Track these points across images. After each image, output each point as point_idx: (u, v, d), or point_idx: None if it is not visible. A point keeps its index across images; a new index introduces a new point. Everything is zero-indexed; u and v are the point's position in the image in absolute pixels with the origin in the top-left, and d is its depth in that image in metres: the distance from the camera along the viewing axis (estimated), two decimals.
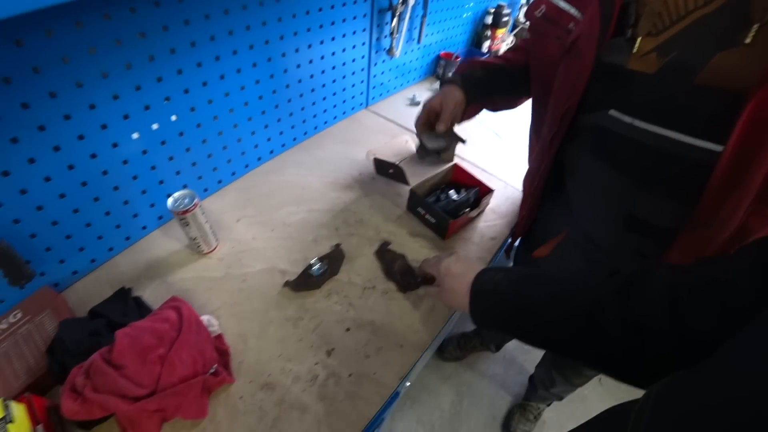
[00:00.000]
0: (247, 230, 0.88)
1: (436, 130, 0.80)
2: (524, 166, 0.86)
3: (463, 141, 0.88)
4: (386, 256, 0.83)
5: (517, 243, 0.97)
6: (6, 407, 0.52)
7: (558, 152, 0.66)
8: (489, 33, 1.60)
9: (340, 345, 0.71)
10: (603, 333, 0.43)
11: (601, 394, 1.59)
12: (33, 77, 0.57)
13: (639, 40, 0.48)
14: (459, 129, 0.86)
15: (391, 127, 1.26)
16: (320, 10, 0.93)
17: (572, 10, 0.57)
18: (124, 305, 0.74)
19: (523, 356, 1.69)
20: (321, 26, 0.96)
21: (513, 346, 1.68)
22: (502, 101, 0.87)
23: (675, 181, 0.51)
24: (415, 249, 0.87)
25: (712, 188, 0.46)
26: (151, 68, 0.70)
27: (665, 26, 0.46)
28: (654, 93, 0.49)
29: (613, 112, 0.53)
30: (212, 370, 0.65)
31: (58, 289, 0.77)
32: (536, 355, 1.67)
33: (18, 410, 0.53)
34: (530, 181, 0.77)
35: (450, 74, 0.85)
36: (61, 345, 0.65)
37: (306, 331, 0.72)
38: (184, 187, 0.87)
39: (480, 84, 0.80)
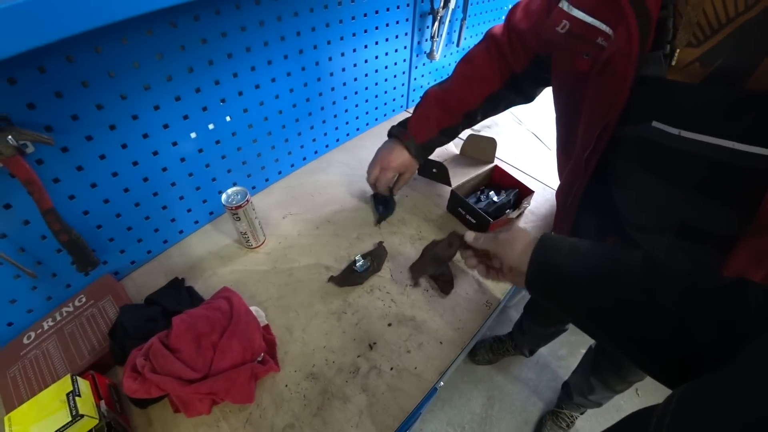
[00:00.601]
0: (293, 227, 0.92)
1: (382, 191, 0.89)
2: None
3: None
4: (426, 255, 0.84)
5: None
6: (74, 382, 0.56)
7: (597, 164, 0.63)
8: None
9: (382, 339, 0.72)
10: (691, 330, 0.40)
11: (637, 404, 1.53)
12: (108, 80, 0.63)
13: (677, 52, 0.47)
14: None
15: None
16: (365, 15, 0.95)
17: (601, 25, 0.54)
18: (178, 294, 0.78)
19: (557, 362, 1.66)
20: (366, 31, 0.98)
21: (546, 351, 1.64)
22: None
23: (730, 190, 0.50)
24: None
25: None
26: (210, 72, 0.74)
27: (706, 36, 0.45)
28: (700, 103, 0.47)
29: (656, 124, 0.51)
30: (260, 359, 0.68)
31: (118, 277, 0.83)
32: (570, 361, 1.64)
33: (84, 386, 0.58)
34: (564, 196, 0.74)
35: (403, 133, 0.86)
36: (122, 328, 0.69)
37: (349, 325, 0.74)
38: (234, 184, 0.92)
39: (432, 148, 0.87)
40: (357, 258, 0.80)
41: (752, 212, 0.47)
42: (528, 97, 0.84)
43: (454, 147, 1.08)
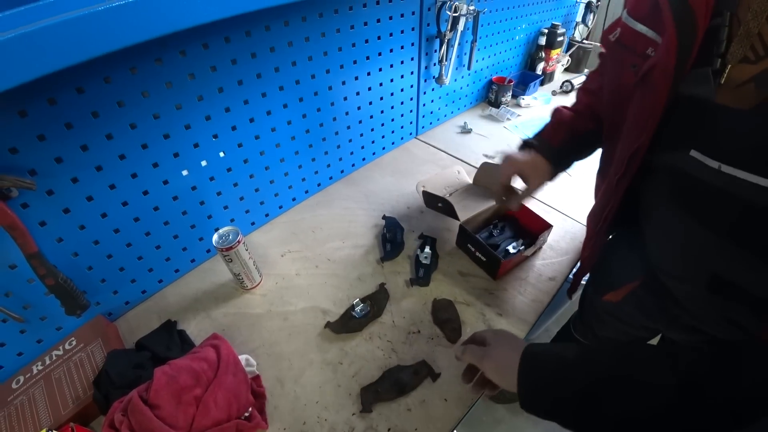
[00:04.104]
0: (292, 265, 0.87)
1: (511, 207, 0.77)
2: (586, 197, 0.78)
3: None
4: (438, 302, 0.78)
5: (583, 282, 0.85)
6: None
7: (629, 192, 0.57)
8: (543, 54, 1.53)
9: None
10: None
11: None
12: (92, 121, 0.61)
13: (729, 68, 0.39)
14: None
15: (441, 156, 1.21)
16: (366, 42, 0.92)
17: (651, 33, 0.48)
18: (169, 339, 0.74)
19: None
20: (368, 58, 0.95)
21: None
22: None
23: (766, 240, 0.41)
24: (466, 289, 0.81)
25: None
26: (200, 107, 0.72)
27: None
28: (750, 133, 0.39)
29: (694, 154, 0.43)
30: (247, 414, 0.63)
31: (112, 318, 0.80)
32: None
33: None
34: (595, 220, 0.68)
35: (537, 139, 0.76)
36: (106, 377, 0.66)
37: (345, 377, 0.68)
38: (232, 221, 0.89)
39: (569, 158, 0.75)
40: (356, 302, 0.74)
41: None
42: None
43: (466, 175, 1.01)
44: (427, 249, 0.84)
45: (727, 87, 0.40)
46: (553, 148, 0.73)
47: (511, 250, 0.84)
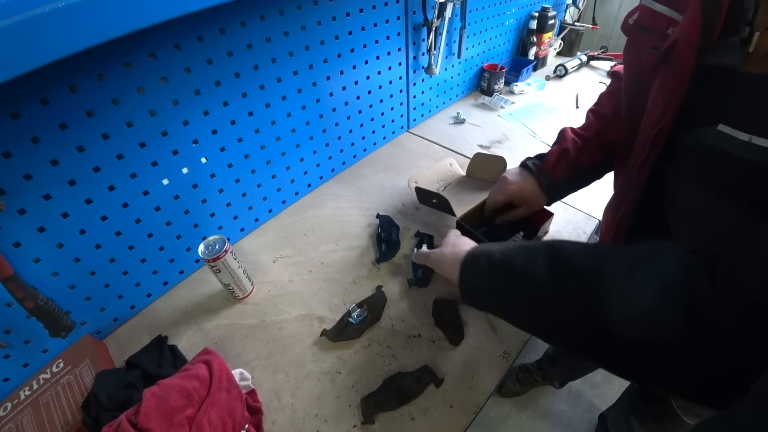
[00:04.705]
0: (284, 271, 0.84)
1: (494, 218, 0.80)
2: (588, 186, 0.75)
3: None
4: (438, 302, 0.74)
5: None
6: None
7: (652, 176, 0.55)
8: (534, 39, 1.49)
9: None
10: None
11: None
12: (59, 133, 0.57)
13: (757, 35, 0.37)
14: None
15: (435, 148, 1.18)
16: (350, 33, 0.88)
17: (670, 12, 0.47)
18: (160, 355, 0.72)
19: (592, 391, 1.50)
20: (352, 50, 0.91)
21: (580, 381, 1.50)
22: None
23: None
24: None
25: None
26: (176, 112, 0.68)
27: None
28: None
29: (722, 128, 0.41)
30: (243, 431, 0.60)
31: (101, 336, 0.77)
32: (606, 389, 1.49)
33: None
34: (614, 211, 0.66)
35: (537, 164, 0.76)
36: (96, 400, 0.63)
37: (344, 388, 0.65)
38: (220, 228, 0.85)
39: (566, 191, 0.76)
40: (352, 308, 0.71)
41: None
42: None
43: (459, 168, 0.98)
44: (425, 247, 0.81)
45: (756, 55, 0.38)
46: (552, 181, 0.73)
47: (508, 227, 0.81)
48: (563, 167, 0.72)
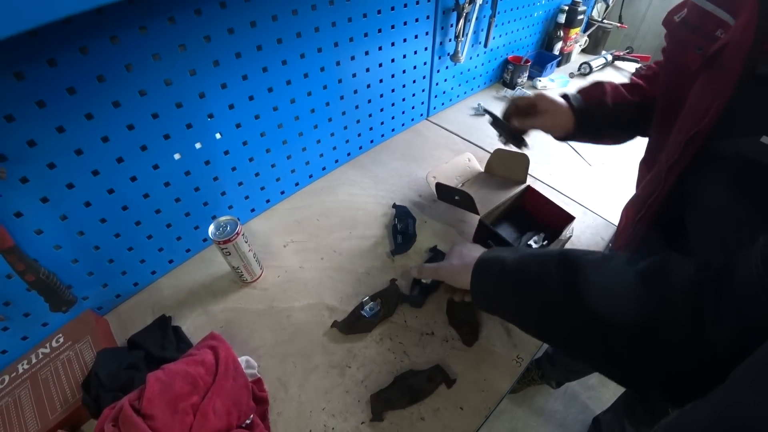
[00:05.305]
0: (295, 257, 0.81)
1: (516, 124, 0.75)
2: (607, 190, 0.73)
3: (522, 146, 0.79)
4: (454, 301, 0.72)
5: None
6: None
7: (677, 180, 0.54)
8: (561, 33, 1.44)
9: None
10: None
11: None
12: (67, 98, 0.53)
13: None
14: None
15: (453, 139, 1.14)
16: (379, 12, 0.83)
17: (722, 14, 0.45)
18: (163, 336, 0.69)
19: (587, 393, 1.50)
20: (380, 30, 0.86)
21: (575, 383, 1.49)
22: (610, 139, 0.75)
23: None
24: None
25: None
26: (193, 83, 0.64)
27: None
28: None
29: (766, 140, 0.40)
30: (248, 421, 0.58)
31: (102, 312, 0.74)
32: (601, 392, 1.49)
33: None
34: (635, 209, 0.64)
35: (573, 92, 0.74)
36: (96, 379, 0.61)
37: (354, 382, 0.63)
38: (230, 207, 0.82)
39: (596, 122, 0.70)
40: (365, 300, 0.69)
41: None
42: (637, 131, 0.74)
43: (477, 163, 0.94)
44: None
45: None
46: (581, 102, 0.71)
47: (533, 245, 0.78)
48: (595, 94, 0.71)
